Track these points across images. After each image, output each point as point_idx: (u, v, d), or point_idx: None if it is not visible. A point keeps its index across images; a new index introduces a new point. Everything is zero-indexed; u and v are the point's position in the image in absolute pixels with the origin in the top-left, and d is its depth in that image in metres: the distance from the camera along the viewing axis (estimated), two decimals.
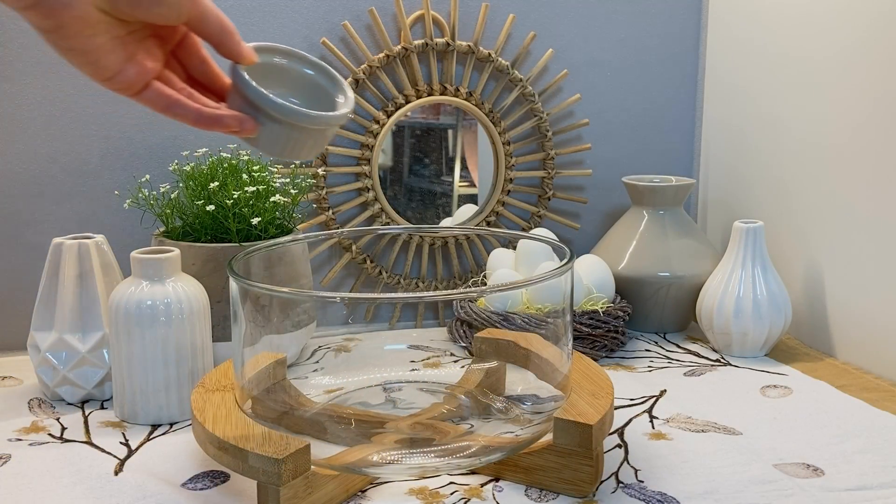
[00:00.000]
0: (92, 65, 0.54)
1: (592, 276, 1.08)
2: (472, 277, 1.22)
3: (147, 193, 0.99)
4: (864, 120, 1.00)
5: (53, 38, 0.52)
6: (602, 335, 1.04)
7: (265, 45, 0.63)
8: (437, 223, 1.26)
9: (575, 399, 0.73)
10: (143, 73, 0.56)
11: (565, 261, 0.73)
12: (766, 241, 1.06)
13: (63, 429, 0.84)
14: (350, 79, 1.14)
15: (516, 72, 1.20)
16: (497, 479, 0.74)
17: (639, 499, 0.70)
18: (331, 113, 0.63)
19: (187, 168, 0.98)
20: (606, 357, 1.05)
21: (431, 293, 1.22)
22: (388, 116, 1.16)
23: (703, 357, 1.06)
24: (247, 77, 0.59)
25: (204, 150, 1.05)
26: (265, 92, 0.59)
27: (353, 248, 1.17)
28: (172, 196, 0.98)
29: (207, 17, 0.57)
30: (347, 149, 1.16)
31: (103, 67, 0.55)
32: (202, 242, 0.94)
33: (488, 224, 1.23)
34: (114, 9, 0.52)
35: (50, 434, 0.83)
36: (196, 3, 0.56)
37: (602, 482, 0.73)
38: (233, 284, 0.71)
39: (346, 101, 0.65)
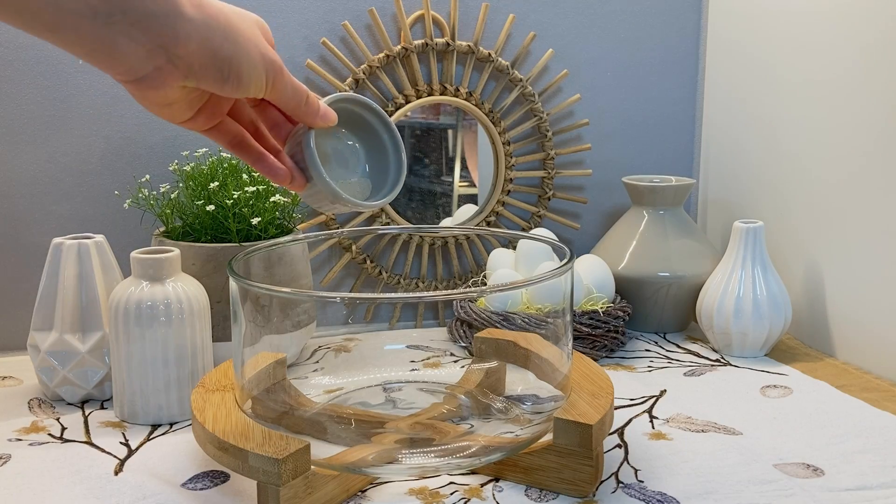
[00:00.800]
0: (168, 116, 0.57)
1: (592, 276, 1.08)
2: (472, 277, 1.22)
3: (147, 193, 0.99)
4: (863, 120, 1.00)
5: (137, 97, 0.54)
6: (602, 335, 1.04)
7: (355, 98, 0.67)
8: (437, 223, 1.25)
9: (575, 399, 0.73)
10: (214, 115, 0.59)
11: (565, 261, 0.73)
12: (765, 241, 1.06)
13: (63, 429, 0.84)
14: (350, 79, 1.14)
15: (516, 72, 1.20)
16: (497, 479, 0.74)
17: (639, 499, 0.70)
18: (371, 202, 0.66)
19: (187, 168, 0.98)
20: (606, 357, 1.05)
21: (431, 293, 1.22)
22: (389, 116, 1.16)
23: (703, 357, 1.06)
24: (312, 146, 0.61)
25: (204, 150, 1.05)
26: (321, 168, 0.61)
27: (353, 248, 1.17)
28: (172, 196, 0.98)
29: (285, 96, 0.59)
30: None
31: (178, 117, 0.58)
32: (202, 242, 0.94)
33: (488, 224, 1.23)
34: (200, 87, 0.54)
35: (50, 434, 0.83)
36: (276, 85, 0.58)
37: (602, 482, 0.73)
38: (233, 284, 0.71)
39: (396, 187, 0.68)
